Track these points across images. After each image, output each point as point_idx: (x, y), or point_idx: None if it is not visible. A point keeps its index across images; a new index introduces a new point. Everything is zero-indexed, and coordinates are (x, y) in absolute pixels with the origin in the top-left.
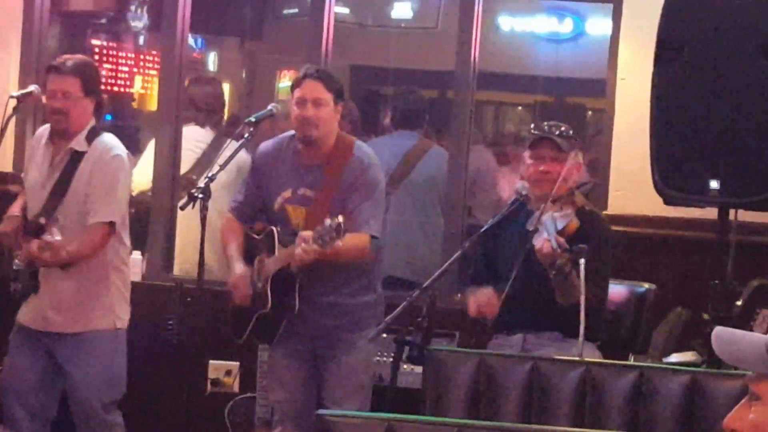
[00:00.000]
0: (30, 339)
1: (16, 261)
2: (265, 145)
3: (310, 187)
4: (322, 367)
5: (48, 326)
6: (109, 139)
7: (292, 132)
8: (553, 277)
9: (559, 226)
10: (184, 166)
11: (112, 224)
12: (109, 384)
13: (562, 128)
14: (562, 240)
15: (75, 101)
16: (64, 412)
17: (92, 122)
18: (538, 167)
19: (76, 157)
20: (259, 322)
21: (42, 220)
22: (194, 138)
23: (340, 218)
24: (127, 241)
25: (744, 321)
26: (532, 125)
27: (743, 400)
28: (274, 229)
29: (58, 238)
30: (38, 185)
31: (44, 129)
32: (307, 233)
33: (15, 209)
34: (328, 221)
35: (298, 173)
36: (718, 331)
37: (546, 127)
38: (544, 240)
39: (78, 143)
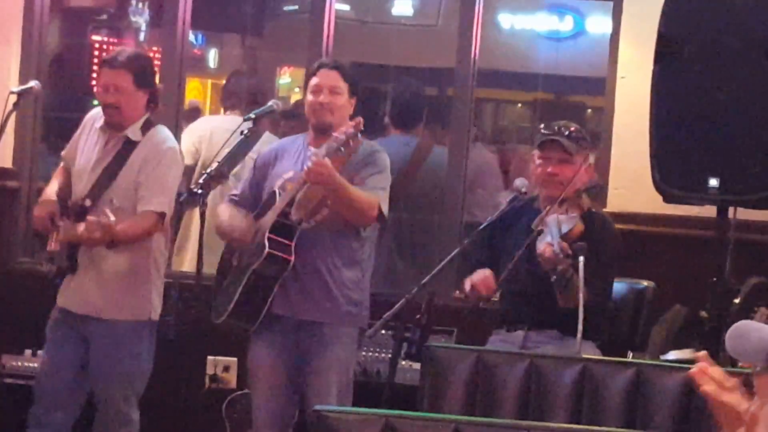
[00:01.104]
0: (69, 330)
1: (51, 243)
2: (271, 145)
3: None
4: (304, 363)
5: (87, 309)
6: (163, 130)
7: (302, 134)
8: (554, 281)
9: (564, 230)
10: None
11: (161, 215)
12: (135, 376)
13: (572, 129)
14: (565, 245)
15: (127, 95)
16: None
17: (146, 114)
18: (546, 168)
19: (130, 145)
20: (249, 286)
21: (87, 202)
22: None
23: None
24: (168, 234)
25: (742, 319)
26: (542, 125)
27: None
28: (276, 189)
29: (112, 219)
30: (87, 168)
31: (98, 111)
32: (318, 149)
33: (50, 193)
34: (340, 131)
35: (305, 159)
36: (737, 325)
37: (555, 128)
38: (547, 244)
39: (133, 132)
